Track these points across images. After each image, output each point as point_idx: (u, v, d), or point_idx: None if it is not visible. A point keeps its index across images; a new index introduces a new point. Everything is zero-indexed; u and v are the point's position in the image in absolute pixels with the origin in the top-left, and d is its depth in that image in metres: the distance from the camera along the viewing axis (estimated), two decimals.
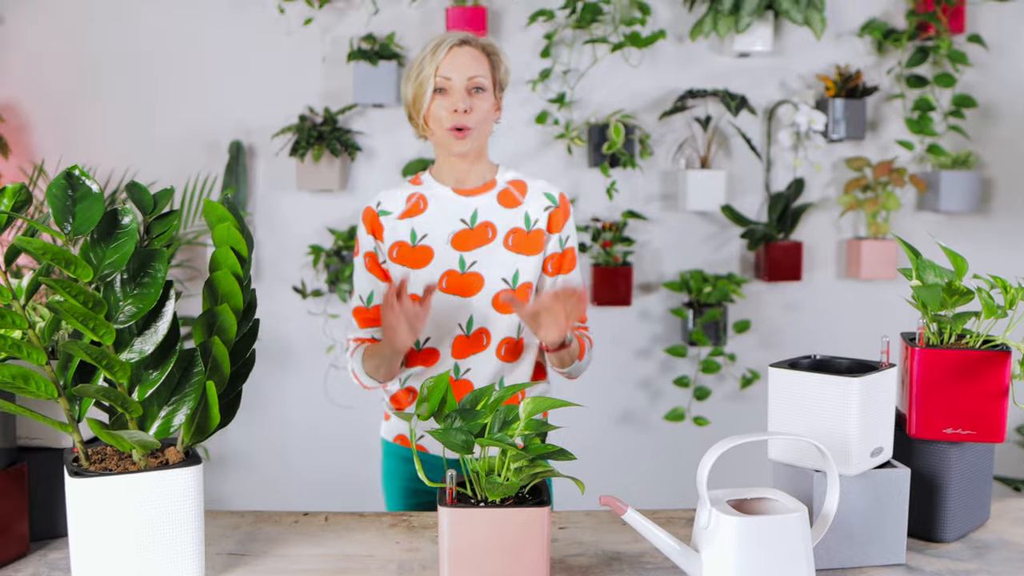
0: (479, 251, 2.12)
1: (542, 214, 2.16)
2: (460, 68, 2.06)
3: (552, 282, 2.18)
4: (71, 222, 1.36)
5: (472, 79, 2.06)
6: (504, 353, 2.13)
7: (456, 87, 2.06)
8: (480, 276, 2.11)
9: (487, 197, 2.16)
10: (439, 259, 2.11)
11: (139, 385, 1.45)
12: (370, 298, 2.18)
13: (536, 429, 1.40)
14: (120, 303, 1.40)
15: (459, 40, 2.09)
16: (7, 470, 1.58)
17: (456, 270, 2.11)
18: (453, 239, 2.12)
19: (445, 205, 2.16)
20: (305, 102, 3.72)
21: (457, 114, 2.06)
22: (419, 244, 2.13)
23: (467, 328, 2.11)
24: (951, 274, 1.68)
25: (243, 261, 1.49)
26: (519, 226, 2.14)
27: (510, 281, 2.11)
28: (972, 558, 1.60)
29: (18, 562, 1.60)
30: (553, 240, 2.17)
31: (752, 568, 1.34)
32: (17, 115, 3.74)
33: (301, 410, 3.80)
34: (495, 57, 2.13)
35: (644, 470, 3.83)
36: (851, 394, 1.52)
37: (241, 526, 1.77)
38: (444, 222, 2.14)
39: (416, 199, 2.17)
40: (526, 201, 2.17)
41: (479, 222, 2.14)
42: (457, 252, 2.11)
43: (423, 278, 2.11)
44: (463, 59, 2.07)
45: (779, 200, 3.72)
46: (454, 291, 2.11)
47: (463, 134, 2.07)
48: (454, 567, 1.37)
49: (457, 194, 2.16)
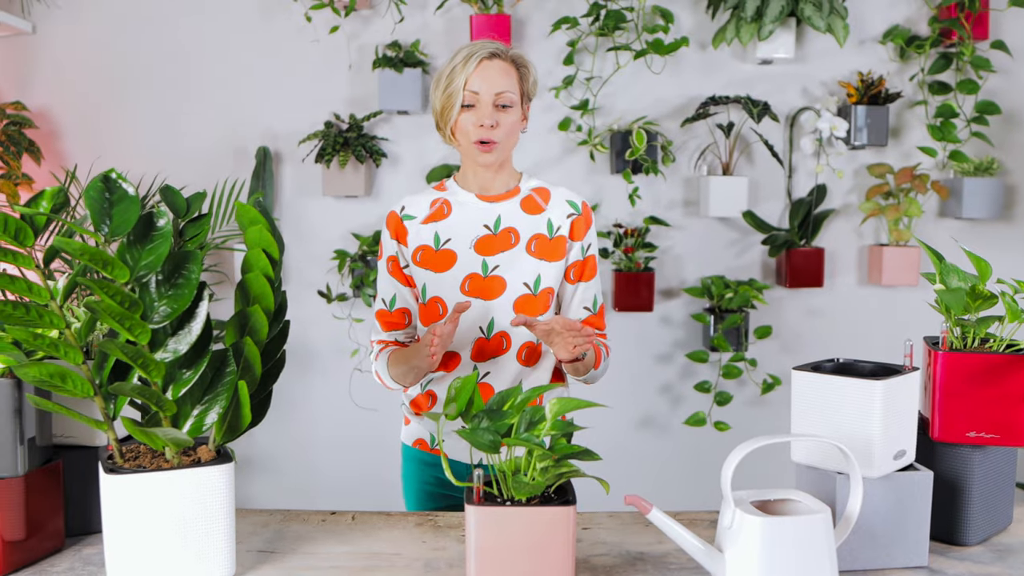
0: (502, 256, 2.13)
1: (564, 221, 2.17)
2: (488, 83, 2.07)
3: (573, 290, 2.20)
4: (108, 224, 1.40)
5: (500, 95, 2.08)
6: (524, 357, 2.14)
7: (484, 102, 2.07)
8: (502, 280, 2.12)
9: (511, 204, 2.18)
10: (462, 263, 2.13)
11: (173, 384, 1.48)
12: (392, 301, 2.21)
13: (562, 429, 1.43)
14: (155, 304, 1.43)
15: (489, 53, 2.09)
16: (43, 467, 1.61)
17: (479, 273, 2.12)
18: (476, 244, 2.14)
19: (469, 211, 2.17)
20: (331, 109, 3.75)
21: (483, 128, 2.07)
22: (442, 248, 2.14)
23: (488, 331, 2.12)
24: (974, 279, 1.69)
25: (274, 263, 1.52)
26: (542, 232, 2.16)
27: (531, 286, 2.13)
28: (994, 561, 1.61)
29: (53, 557, 1.63)
30: (575, 248, 2.19)
31: (776, 568, 1.35)
32: (49, 122, 3.79)
33: (326, 413, 3.83)
34: (524, 69, 2.14)
35: (665, 474, 3.84)
36: (874, 397, 1.54)
37: (270, 524, 1.80)
38: (468, 227, 2.15)
39: (440, 204, 2.19)
40: (549, 208, 2.18)
41: (502, 228, 2.15)
42: (480, 256, 2.13)
43: (447, 282, 2.12)
44: (492, 73, 2.08)
45: (801, 206, 3.73)
46: (476, 294, 2.12)
47: (489, 147, 2.09)
48: (481, 565, 1.39)
49: (481, 200, 2.18)
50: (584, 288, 2.21)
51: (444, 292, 2.14)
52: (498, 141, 2.09)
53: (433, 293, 2.15)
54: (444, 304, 2.14)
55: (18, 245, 1.40)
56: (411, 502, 2.29)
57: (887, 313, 3.81)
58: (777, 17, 3.39)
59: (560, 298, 2.22)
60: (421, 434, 2.25)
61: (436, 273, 2.14)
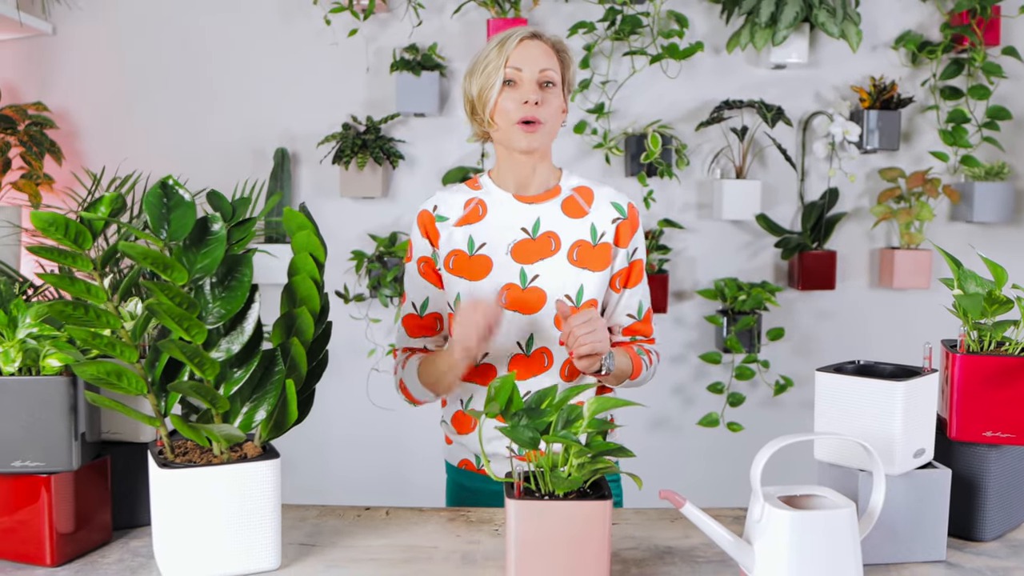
0: (541, 264, 2.00)
1: (609, 226, 2.05)
2: (531, 60, 1.96)
3: (617, 297, 2.09)
4: (166, 229, 1.46)
5: (543, 71, 1.97)
6: (568, 374, 2.02)
7: (526, 79, 1.96)
8: (542, 292, 2.00)
9: (550, 205, 2.05)
10: (498, 271, 2.01)
11: (225, 383, 1.54)
12: (424, 305, 2.09)
13: (598, 427, 1.48)
14: (209, 305, 1.49)
15: (530, 33, 1.99)
16: (93, 463, 1.67)
17: (517, 284, 2.00)
18: (513, 249, 2.01)
19: (505, 212, 2.05)
20: (349, 111, 3.81)
21: (528, 106, 1.95)
22: (477, 253, 2.02)
23: (527, 347, 2.01)
24: (991, 284, 1.75)
25: (320, 267, 1.58)
26: (585, 239, 2.03)
27: (574, 298, 2.00)
28: (1010, 556, 1.67)
29: (102, 549, 1.69)
30: (620, 255, 2.07)
31: (803, 560, 1.41)
32: (69, 122, 3.85)
33: (342, 412, 3.89)
34: (564, 55, 2.04)
35: (679, 473, 3.89)
36: (896, 398, 1.59)
37: (307, 519, 1.86)
38: (504, 230, 2.03)
39: (475, 204, 2.06)
40: (592, 211, 2.06)
41: (541, 232, 2.03)
42: (518, 264, 2.01)
43: (483, 292, 2.00)
44: (534, 51, 1.97)
45: (813, 210, 3.78)
46: (515, 307, 2.00)
47: (533, 128, 1.96)
48: (521, 557, 1.45)
49: (518, 200, 2.05)
50: (629, 294, 2.10)
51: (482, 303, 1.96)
52: (543, 121, 1.96)
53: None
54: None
55: (76, 248, 1.46)
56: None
57: (898, 316, 3.87)
58: (791, 23, 3.45)
59: (604, 305, 2.10)
60: (466, 455, 2.13)
61: (471, 282, 2.02)
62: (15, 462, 1.57)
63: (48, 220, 1.42)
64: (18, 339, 1.57)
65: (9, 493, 1.59)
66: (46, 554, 1.59)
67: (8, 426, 1.55)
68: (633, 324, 2.12)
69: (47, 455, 1.57)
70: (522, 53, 1.97)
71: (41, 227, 1.43)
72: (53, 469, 1.57)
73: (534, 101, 1.95)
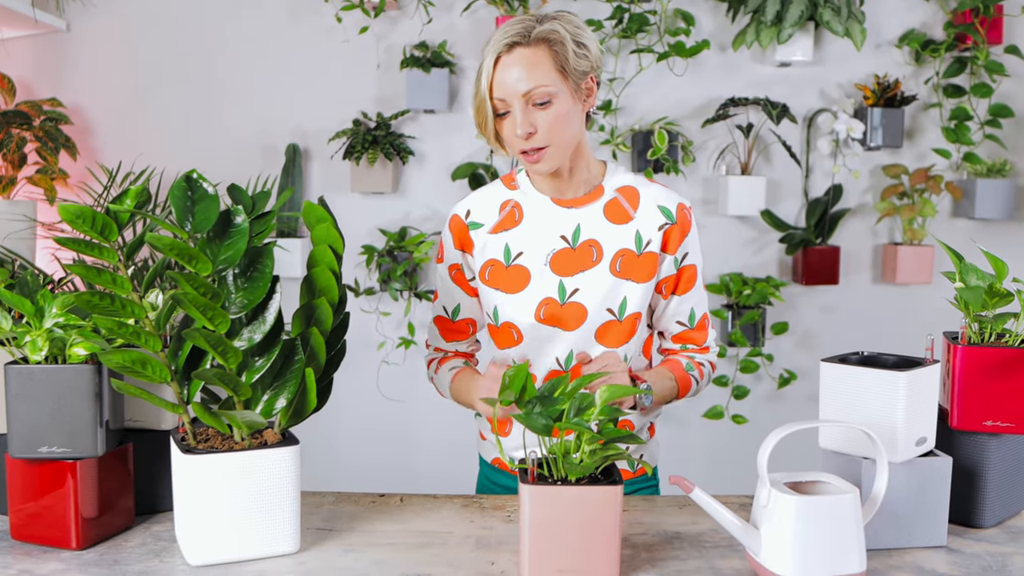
0: (581, 276, 1.89)
1: (656, 234, 1.91)
2: (511, 84, 1.77)
3: (665, 304, 1.98)
4: (191, 221, 1.50)
5: (528, 94, 1.77)
6: None
7: (513, 107, 1.80)
8: (582, 308, 1.90)
9: (592, 209, 1.91)
10: (536, 283, 1.90)
11: (246, 371, 1.59)
12: (456, 311, 2.05)
13: (609, 415, 1.53)
14: (232, 295, 1.54)
15: (507, 45, 1.78)
16: (116, 449, 1.72)
17: (555, 299, 1.90)
18: (552, 260, 1.90)
19: (543, 217, 1.92)
20: (359, 107, 3.85)
21: (520, 139, 1.81)
22: (513, 264, 1.92)
23: (565, 363, 1.93)
24: (992, 277, 1.79)
25: (339, 258, 1.62)
26: (629, 247, 1.90)
27: (616, 312, 1.90)
28: (1008, 542, 1.71)
29: (126, 533, 1.73)
30: (667, 261, 1.93)
31: (808, 544, 1.46)
32: (83, 118, 3.90)
33: (352, 404, 3.94)
34: (558, 45, 1.78)
35: (684, 464, 3.93)
36: (899, 387, 1.64)
37: (323, 505, 1.90)
38: (542, 238, 1.91)
39: (511, 207, 1.95)
40: (638, 216, 1.91)
41: (582, 240, 1.89)
42: (557, 276, 1.89)
43: (519, 305, 1.92)
44: (513, 72, 1.77)
45: (817, 206, 3.82)
46: (552, 322, 1.90)
47: (536, 157, 1.82)
48: (534, 540, 1.49)
49: (557, 205, 1.92)
50: (678, 301, 1.98)
51: (517, 317, 1.92)
52: (544, 146, 1.80)
53: (506, 318, 1.94)
54: (519, 330, 1.94)
55: (103, 240, 1.51)
56: None
57: (900, 310, 3.91)
58: (796, 21, 3.49)
59: (653, 310, 2.01)
60: (498, 454, 2.08)
61: (507, 294, 1.93)
62: (42, 448, 1.61)
63: (76, 212, 1.47)
64: (45, 328, 1.62)
65: (36, 478, 1.64)
66: (71, 538, 1.63)
67: (35, 413, 1.60)
68: (684, 332, 2.03)
69: (73, 441, 1.61)
70: (501, 78, 1.79)
71: (69, 219, 1.47)
72: (78, 455, 1.62)
73: (527, 133, 1.79)
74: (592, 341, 1.93)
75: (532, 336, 1.92)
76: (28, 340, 1.61)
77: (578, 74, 1.82)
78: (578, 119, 1.85)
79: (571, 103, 1.82)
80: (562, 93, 1.80)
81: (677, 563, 1.60)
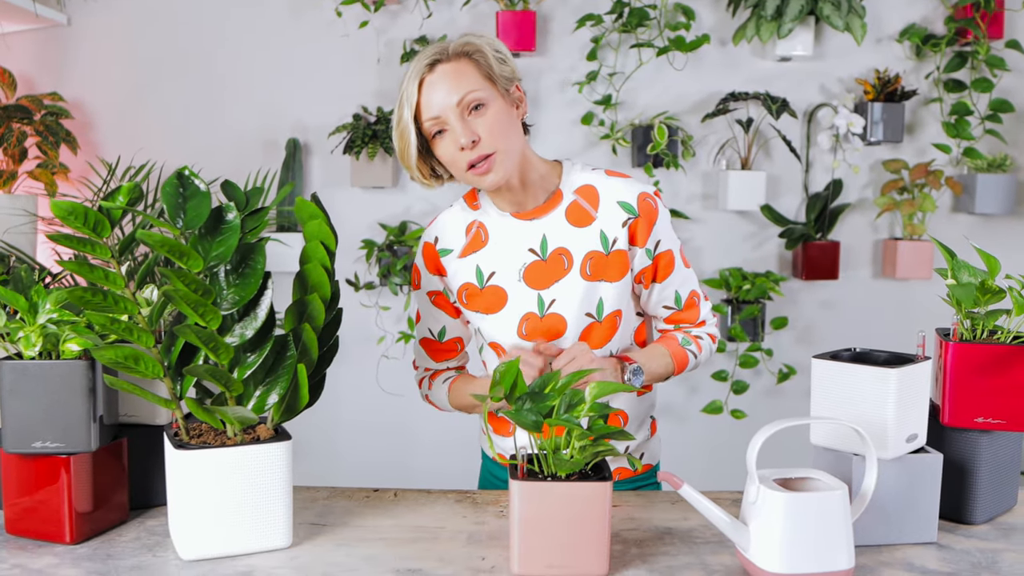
0: (556, 287, 1.89)
1: (620, 231, 1.89)
2: (440, 99, 1.76)
3: (648, 292, 1.98)
4: (183, 218, 1.51)
5: (461, 100, 1.76)
6: None
7: (450, 119, 1.77)
8: (562, 318, 1.90)
9: (554, 217, 1.90)
10: (514, 301, 1.91)
11: (238, 367, 1.59)
12: (442, 333, 2.06)
13: (599, 411, 1.53)
14: (224, 291, 1.55)
15: (427, 64, 1.78)
16: (111, 444, 1.72)
17: (535, 313, 1.91)
18: (526, 274, 1.91)
19: (508, 233, 1.92)
20: (359, 102, 3.86)
21: (465, 151, 1.78)
22: (488, 285, 1.93)
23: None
24: (984, 274, 1.79)
25: (331, 255, 1.63)
26: (596, 249, 1.89)
27: (595, 314, 1.91)
28: (999, 538, 1.71)
29: (119, 528, 1.74)
30: (639, 254, 1.92)
31: (797, 540, 1.46)
32: (83, 112, 3.91)
33: (352, 399, 3.95)
34: (477, 55, 1.80)
35: (683, 459, 3.93)
36: (889, 384, 1.64)
37: (317, 500, 1.91)
38: (511, 254, 1.92)
39: (476, 229, 1.95)
40: (599, 215, 1.89)
41: (551, 250, 1.89)
42: (533, 291, 1.90)
43: (501, 325, 1.93)
44: (440, 88, 1.76)
45: (817, 201, 3.82)
46: (535, 337, 1.92)
47: (486, 166, 1.79)
48: (523, 536, 1.50)
49: (520, 219, 1.92)
50: (661, 288, 1.97)
51: (501, 337, 1.94)
52: (492, 151, 1.79)
53: (490, 338, 1.96)
54: (503, 350, 1.96)
55: (96, 236, 1.52)
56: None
57: (900, 305, 3.91)
58: (797, 16, 3.49)
59: (643, 300, 2.01)
60: (501, 448, 2.10)
61: (487, 315, 1.94)
62: (36, 443, 1.62)
63: (67, 208, 1.48)
64: (39, 324, 1.63)
65: (30, 473, 1.65)
66: (65, 532, 1.64)
67: (29, 408, 1.61)
68: (673, 314, 2.03)
69: (66, 437, 1.62)
70: (429, 98, 1.78)
71: (61, 215, 1.48)
72: (72, 450, 1.63)
73: (470, 142, 1.77)
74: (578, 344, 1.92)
75: (517, 352, 1.89)
76: (22, 336, 1.62)
77: (504, 80, 1.82)
78: (517, 125, 1.85)
79: (505, 108, 1.82)
80: (493, 98, 1.80)
81: (667, 559, 1.61)
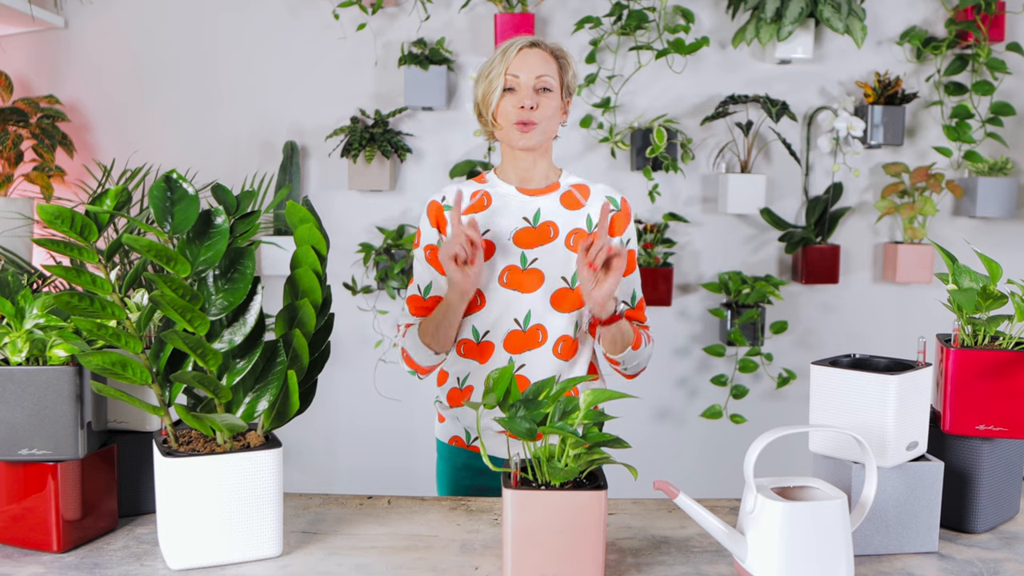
0: (540, 249, 2.17)
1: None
2: (528, 68, 2.14)
3: None
4: (170, 222, 1.49)
5: (540, 78, 2.14)
6: (561, 351, 2.16)
7: (523, 85, 2.14)
8: (540, 273, 2.16)
9: (550, 198, 2.22)
10: (501, 254, 2.17)
11: (227, 373, 1.57)
12: (427, 288, 2.24)
13: (594, 419, 1.51)
14: (212, 297, 1.52)
15: (529, 42, 2.17)
16: (99, 451, 1.70)
17: (517, 265, 2.16)
18: (515, 236, 2.17)
19: (509, 203, 2.21)
20: (357, 104, 3.84)
21: (523, 110, 2.13)
22: (482, 239, 2.14)
23: (524, 323, 2.15)
24: (986, 279, 1.77)
25: (322, 259, 1.60)
26: (581, 227, 2.19)
27: (569, 281, 2.16)
28: (1001, 548, 1.69)
29: (108, 536, 1.72)
30: (615, 242, 2.17)
31: (795, 551, 1.44)
32: (80, 115, 3.89)
33: (349, 403, 3.92)
34: (563, 60, 2.20)
35: (681, 464, 3.93)
36: (889, 391, 1.62)
37: (310, 507, 1.89)
38: (507, 219, 2.19)
39: (480, 196, 2.23)
40: (588, 204, 2.22)
41: (542, 221, 2.19)
42: (519, 249, 2.17)
43: (485, 271, 2.16)
44: (532, 60, 2.15)
45: (817, 204, 3.80)
46: (514, 286, 2.16)
47: (528, 128, 2.14)
48: (517, 545, 1.48)
49: (521, 193, 2.22)
50: (623, 283, 2.23)
51: (482, 282, 2.16)
52: (537, 123, 2.14)
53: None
54: (482, 295, 2.17)
55: (83, 240, 1.49)
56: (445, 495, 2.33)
57: (901, 310, 3.88)
58: (796, 18, 3.46)
59: None
60: (456, 431, 2.28)
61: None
62: (22, 450, 1.60)
63: (54, 213, 1.46)
64: (25, 329, 1.61)
65: (16, 481, 1.63)
66: (53, 540, 1.62)
67: (15, 415, 1.58)
68: (627, 311, 2.22)
69: (54, 443, 1.60)
70: (521, 61, 2.15)
71: (48, 220, 1.46)
72: (59, 457, 1.61)
73: (530, 106, 2.13)
74: (548, 307, 2.16)
75: (494, 300, 2.17)
76: (8, 341, 1.60)
77: (567, 90, 2.23)
78: (556, 122, 2.22)
79: (559, 105, 2.20)
80: (556, 94, 2.19)
81: (664, 568, 1.59)
